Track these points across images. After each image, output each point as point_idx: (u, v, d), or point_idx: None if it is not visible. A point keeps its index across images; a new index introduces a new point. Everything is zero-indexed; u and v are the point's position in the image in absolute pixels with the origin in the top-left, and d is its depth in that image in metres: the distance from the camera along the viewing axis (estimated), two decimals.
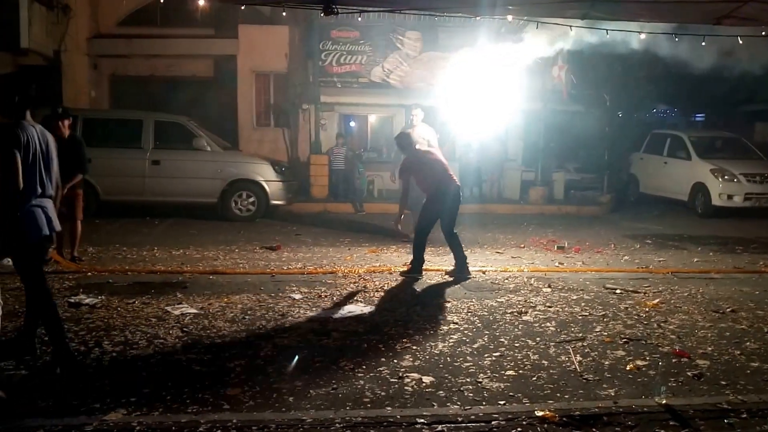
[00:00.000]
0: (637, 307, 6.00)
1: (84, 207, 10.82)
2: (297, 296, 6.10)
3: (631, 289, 6.67)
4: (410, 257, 7.21)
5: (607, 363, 4.48)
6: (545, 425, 3.51)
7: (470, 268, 7.21)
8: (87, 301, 5.69)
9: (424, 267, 7.17)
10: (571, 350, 4.71)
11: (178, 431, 3.36)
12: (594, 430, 3.48)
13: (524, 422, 3.53)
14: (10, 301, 5.62)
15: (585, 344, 4.88)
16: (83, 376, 4.06)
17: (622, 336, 5.09)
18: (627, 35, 8.20)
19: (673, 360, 4.59)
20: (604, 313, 5.77)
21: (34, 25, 13.24)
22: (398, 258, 8.12)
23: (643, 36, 8.04)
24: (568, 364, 4.45)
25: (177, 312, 5.46)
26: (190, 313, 5.46)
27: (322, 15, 6.68)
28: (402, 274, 7.11)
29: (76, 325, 5.03)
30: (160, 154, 11.11)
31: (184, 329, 5.01)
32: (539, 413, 3.62)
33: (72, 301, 5.70)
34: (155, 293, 6.08)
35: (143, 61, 15.58)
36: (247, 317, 5.39)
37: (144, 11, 15.66)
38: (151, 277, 6.82)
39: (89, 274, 6.86)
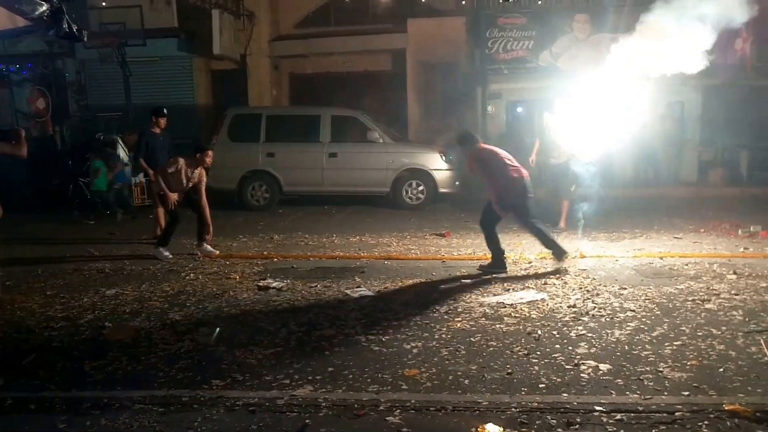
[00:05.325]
0: None
1: (268, 198, 12.00)
2: (467, 281, 6.22)
3: None
4: (578, 243, 6.99)
5: None
6: (736, 420, 3.29)
7: (642, 253, 6.90)
8: (274, 284, 6.21)
9: (597, 254, 6.92)
10: (762, 342, 4.36)
11: (360, 409, 3.56)
12: None
13: (712, 415, 3.33)
14: (209, 285, 6.32)
15: None
16: None
17: None
18: None
19: None
20: None
21: (225, 33, 14.74)
22: (569, 244, 7.89)
23: None
24: (760, 356, 4.13)
25: (355, 295, 5.81)
26: (367, 296, 5.78)
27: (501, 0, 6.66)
28: (481, 268, 6.66)
29: (266, 307, 5.53)
30: (336, 147, 11.70)
31: (363, 311, 5.32)
32: (729, 407, 3.41)
33: (261, 284, 6.24)
34: (335, 277, 6.50)
35: (319, 59, 16.52)
36: (420, 301, 5.60)
37: (319, 12, 16.64)
38: (331, 263, 7.29)
39: (275, 259, 7.47)
